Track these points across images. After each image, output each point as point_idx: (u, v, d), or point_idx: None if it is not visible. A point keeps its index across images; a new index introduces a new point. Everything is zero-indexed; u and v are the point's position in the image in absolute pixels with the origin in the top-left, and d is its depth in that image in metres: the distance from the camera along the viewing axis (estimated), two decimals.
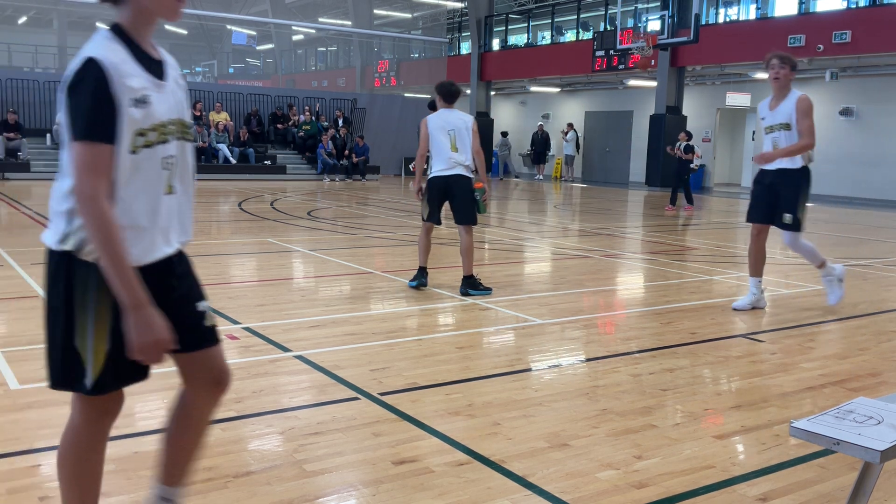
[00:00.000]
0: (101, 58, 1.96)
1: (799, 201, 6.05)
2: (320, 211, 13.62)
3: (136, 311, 1.98)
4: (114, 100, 1.95)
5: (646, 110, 24.39)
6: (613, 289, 7.54)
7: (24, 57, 42.10)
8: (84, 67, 1.95)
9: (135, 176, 2.03)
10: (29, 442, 3.29)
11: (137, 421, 3.59)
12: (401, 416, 3.71)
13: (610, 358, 4.89)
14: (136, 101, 1.99)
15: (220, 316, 5.61)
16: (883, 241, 11.87)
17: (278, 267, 8.08)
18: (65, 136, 2.00)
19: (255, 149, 22.50)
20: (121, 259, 1.95)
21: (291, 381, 4.23)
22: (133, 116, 1.99)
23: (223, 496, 2.86)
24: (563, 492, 2.96)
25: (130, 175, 2.02)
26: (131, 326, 1.99)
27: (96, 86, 1.93)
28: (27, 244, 8.76)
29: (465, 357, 4.80)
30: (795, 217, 6.05)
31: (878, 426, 2.45)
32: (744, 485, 3.08)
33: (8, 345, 4.71)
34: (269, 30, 41.39)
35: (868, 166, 20.09)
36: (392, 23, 41.04)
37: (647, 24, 21.50)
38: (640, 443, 3.45)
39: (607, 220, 14.28)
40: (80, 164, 1.94)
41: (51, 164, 19.71)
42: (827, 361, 4.91)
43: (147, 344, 2.01)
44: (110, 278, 1.96)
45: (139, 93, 2.00)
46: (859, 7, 19.46)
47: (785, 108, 5.97)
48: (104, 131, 1.95)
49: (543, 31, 30.19)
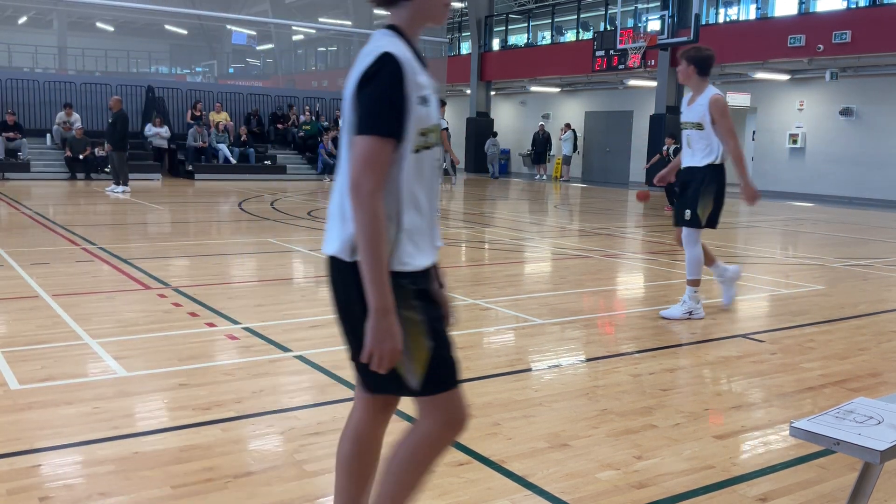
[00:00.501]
0: (397, 52, 1.93)
1: (700, 197, 5.82)
2: (320, 211, 13.62)
3: (383, 315, 1.92)
4: (406, 96, 1.92)
5: (646, 110, 24.38)
6: (613, 289, 7.54)
7: (24, 57, 42.07)
8: (380, 61, 1.91)
9: (418, 177, 2.00)
10: (29, 442, 3.28)
11: (137, 421, 3.59)
12: (401, 416, 3.71)
13: (610, 358, 4.89)
14: (421, 98, 1.96)
15: (220, 316, 5.61)
16: (883, 241, 11.87)
17: (278, 267, 8.08)
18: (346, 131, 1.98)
19: (256, 149, 22.49)
20: (382, 259, 1.91)
21: (291, 381, 4.23)
22: (419, 114, 1.96)
23: (223, 496, 2.86)
24: (563, 492, 2.96)
25: (414, 176, 1.98)
26: (372, 329, 1.93)
27: (392, 80, 1.90)
28: (27, 244, 8.76)
29: (465, 357, 4.79)
30: (694, 213, 5.84)
31: (878, 426, 2.45)
32: (744, 485, 3.08)
33: (8, 345, 4.71)
34: (269, 30, 41.37)
35: (868, 166, 20.08)
36: None
37: (647, 24, 21.51)
38: (640, 443, 3.45)
39: (607, 220, 14.27)
40: (363, 157, 1.90)
41: (50, 164, 19.74)
42: (827, 361, 4.91)
43: (383, 350, 1.94)
44: (367, 276, 1.92)
45: (424, 90, 1.97)
46: (859, 7, 19.46)
47: (698, 107, 5.78)
48: (393, 126, 1.91)
49: (543, 31, 30.19)
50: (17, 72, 27.00)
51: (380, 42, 1.98)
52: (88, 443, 3.30)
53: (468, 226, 12.76)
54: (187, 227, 11.74)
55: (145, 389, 4.03)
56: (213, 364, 4.50)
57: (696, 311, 5.93)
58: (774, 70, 20.80)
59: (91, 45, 42.91)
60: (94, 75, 32.18)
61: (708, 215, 5.88)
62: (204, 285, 6.76)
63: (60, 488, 2.88)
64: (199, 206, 14.81)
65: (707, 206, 5.85)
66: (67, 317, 5.43)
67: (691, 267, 5.98)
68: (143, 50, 46.47)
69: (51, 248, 8.52)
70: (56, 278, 6.86)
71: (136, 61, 46.69)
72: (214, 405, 3.78)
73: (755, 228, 13.51)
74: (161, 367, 4.38)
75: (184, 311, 5.73)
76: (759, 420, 3.83)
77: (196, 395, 3.91)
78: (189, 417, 3.62)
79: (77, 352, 4.63)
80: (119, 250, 8.48)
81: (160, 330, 5.19)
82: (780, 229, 13.34)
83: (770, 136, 22.45)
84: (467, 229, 12.25)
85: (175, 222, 12.09)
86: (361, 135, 1.92)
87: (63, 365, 4.36)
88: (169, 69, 50.19)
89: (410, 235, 2.01)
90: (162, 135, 21.22)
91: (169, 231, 11.16)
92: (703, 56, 5.73)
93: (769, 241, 11.92)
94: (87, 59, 42.72)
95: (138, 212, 13.10)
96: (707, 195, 5.83)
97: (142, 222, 11.92)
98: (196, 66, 49.93)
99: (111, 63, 44.34)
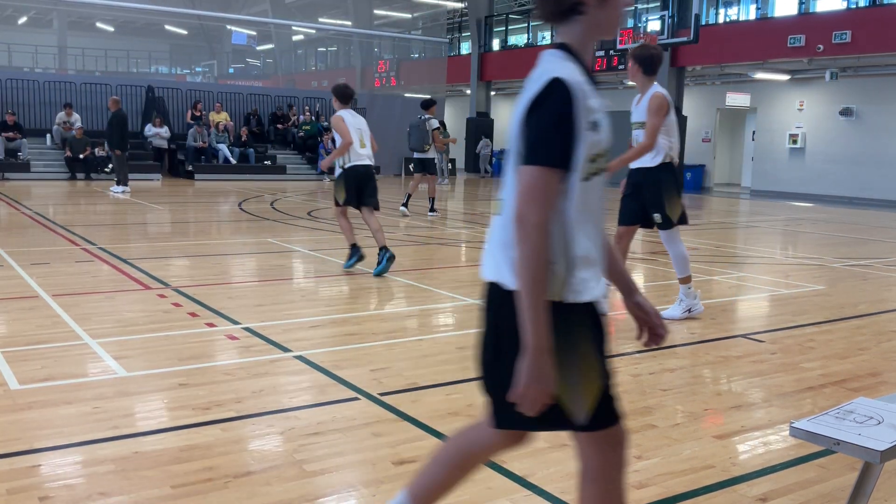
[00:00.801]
0: (567, 77, 1.84)
1: (663, 198, 5.76)
2: (320, 211, 13.62)
3: (538, 355, 1.82)
4: (575, 124, 1.83)
5: None
6: (613, 289, 7.52)
7: (24, 57, 42.08)
8: (549, 88, 1.83)
9: (585, 206, 1.91)
10: (29, 442, 3.28)
11: (137, 421, 3.59)
12: (401, 417, 3.71)
13: (610, 358, 4.88)
14: (592, 123, 1.87)
15: (219, 316, 5.61)
16: (883, 241, 11.87)
17: (278, 267, 8.08)
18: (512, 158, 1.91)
19: (255, 149, 22.49)
20: (541, 296, 1.83)
21: (291, 381, 4.23)
22: (589, 140, 1.86)
23: (223, 496, 2.86)
24: (563, 492, 2.96)
25: (581, 205, 1.89)
26: (525, 369, 1.82)
27: (562, 107, 1.82)
28: (27, 244, 8.76)
29: (465, 357, 4.79)
30: (664, 215, 5.78)
31: (878, 426, 2.45)
32: (744, 485, 3.08)
33: (8, 345, 4.71)
34: (269, 30, 41.35)
35: (868, 166, 20.08)
36: (392, 23, 41.02)
37: (647, 24, 21.50)
38: (640, 443, 3.45)
39: (608, 220, 14.26)
40: (529, 188, 1.82)
41: (50, 164, 19.74)
42: (827, 361, 4.91)
43: (535, 392, 1.84)
44: (526, 313, 1.82)
45: (594, 115, 1.88)
46: (859, 7, 19.46)
47: (641, 106, 5.74)
48: (563, 156, 1.83)
49: (543, 31, 30.19)
50: (17, 72, 27.00)
51: (549, 65, 1.89)
52: (88, 443, 3.30)
53: (468, 226, 12.77)
54: (187, 227, 11.74)
55: (145, 389, 4.03)
56: (213, 364, 4.50)
57: (694, 306, 5.92)
58: (774, 70, 20.80)
59: (91, 45, 42.92)
60: (94, 75, 32.18)
61: (679, 214, 5.81)
62: (204, 285, 6.76)
63: (60, 488, 2.88)
64: (198, 206, 14.81)
65: (675, 205, 5.78)
66: (67, 317, 5.43)
67: (678, 265, 5.94)
68: (143, 50, 46.50)
69: (51, 248, 8.52)
70: (56, 278, 6.86)
71: (136, 61, 46.71)
72: (214, 405, 3.78)
73: (755, 228, 13.51)
74: (161, 367, 4.38)
75: (184, 311, 5.73)
76: (759, 420, 3.83)
77: (196, 395, 3.91)
78: (189, 417, 3.62)
79: (77, 352, 4.63)
80: (119, 250, 8.48)
81: (160, 330, 5.19)
82: (780, 229, 13.34)
83: (770, 136, 22.46)
84: (467, 229, 12.25)
85: (175, 222, 12.09)
86: (528, 165, 1.84)
87: (63, 365, 4.36)
88: (169, 69, 50.21)
89: (582, 264, 1.92)
90: (162, 135, 21.22)
91: (169, 231, 11.16)
92: (648, 55, 5.66)
93: (769, 240, 11.91)
94: (87, 59, 42.72)
95: (138, 212, 13.10)
96: (671, 194, 5.77)
97: (142, 222, 11.91)
98: (196, 66, 49.94)
99: (111, 63, 44.36)
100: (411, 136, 13.02)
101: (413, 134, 12.98)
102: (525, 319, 1.82)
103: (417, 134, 12.90)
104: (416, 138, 12.93)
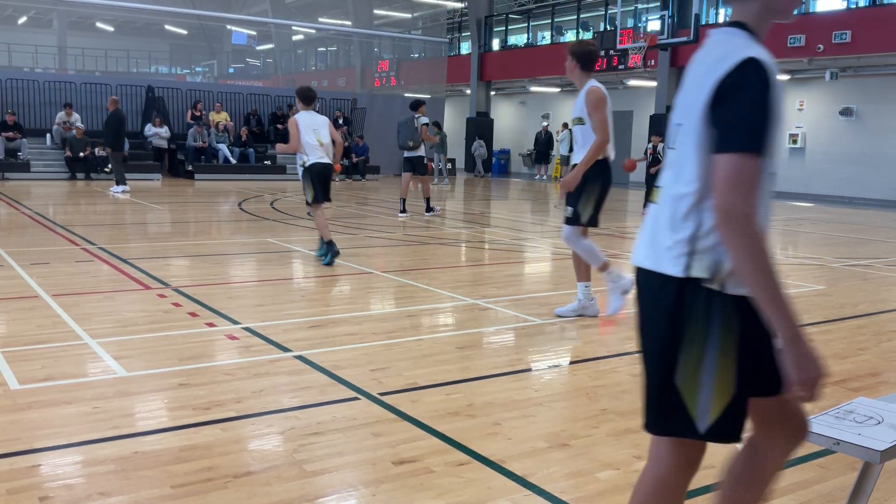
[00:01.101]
0: (761, 57, 1.74)
1: (581, 194, 5.69)
2: None
3: (795, 344, 1.75)
4: (775, 107, 1.73)
5: (646, 110, 24.38)
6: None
7: (24, 57, 42.06)
8: (746, 68, 1.73)
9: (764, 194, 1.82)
10: (29, 442, 3.28)
11: (137, 421, 3.59)
12: (401, 416, 3.71)
13: (610, 358, 4.89)
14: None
15: (219, 316, 5.61)
16: (883, 241, 11.87)
17: (278, 267, 8.08)
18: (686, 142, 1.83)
19: (255, 149, 22.49)
20: (777, 286, 1.73)
21: (291, 381, 4.23)
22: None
23: (223, 496, 2.86)
24: (563, 492, 2.96)
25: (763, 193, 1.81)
26: (791, 361, 1.76)
27: (763, 89, 1.72)
28: (27, 244, 8.76)
29: (464, 357, 4.79)
30: (575, 210, 5.72)
31: (878, 426, 2.45)
32: None
33: (8, 345, 4.71)
34: (269, 30, 41.35)
35: (868, 166, 20.08)
36: (392, 23, 41.01)
37: (647, 24, 21.50)
38: (640, 443, 3.45)
39: (608, 220, 14.26)
40: (734, 178, 1.71)
41: (50, 164, 19.73)
42: (827, 361, 4.90)
43: (810, 380, 1.77)
44: (768, 307, 1.74)
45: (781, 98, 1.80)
46: (859, 7, 19.46)
47: (578, 102, 5.68)
48: (764, 141, 1.72)
49: (543, 31, 30.17)
50: (17, 72, 26.97)
51: (735, 43, 1.80)
52: (88, 443, 3.30)
53: (468, 226, 12.77)
54: (187, 227, 11.74)
55: (145, 389, 4.03)
56: (213, 364, 4.50)
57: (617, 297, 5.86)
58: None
59: (91, 45, 42.90)
60: (94, 75, 32.16)
61: (589, 215, 5.73)
62: (204, 285, 6.76)
63: (60, 488, 2.88)
64: (198, 206, 14.81)
65: (589, 204, 5.71)
66: (67, 317, 5.43)
67: (589, 258, 5.81)
68: (143, 50, 46.47)
69: (51, 248, 8.52)
70: (56, 278, 6.86)
71: (136, 61, 46.69)
72: (214, 405, 3.78)
73: None
74: (161, 367, 4.38)
75: (184, 311, 5.73)
76: None
77: (196, 395, 3.91)
78: (189, 417, 3.62)
79: (77, 352, 4.63)
80: (119, 250, 8.48)
81: (160, 330, 5.19)
82: (780, 229, 13.34)
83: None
84: (467, 229, 12.25)
85: (175, 222, 12.09)
86: (729, 152, 1.72)
87: (63, 365, 4.36)
88: (169, 69, 50.18)
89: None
90: (162, 135, 21.22)
91: (169, 231, 11.16)
92: (585, 50, 5.63)
93: (769, 240, 11.89)
94: (87, 58, 42.71)
95: (138, 212, 13.10)
96: (590, 193, 5.70)
97: (142, 222, 11.91)
98: (196, 66, 49.93)
99: (111, 63, 44.34)
100: (400, 134, 13.06)
101: (402, 131, 13.00)
102: (769, 314, 1.75)
103: (406, 131, 12.92)
104: (404, 135, 12.95)
